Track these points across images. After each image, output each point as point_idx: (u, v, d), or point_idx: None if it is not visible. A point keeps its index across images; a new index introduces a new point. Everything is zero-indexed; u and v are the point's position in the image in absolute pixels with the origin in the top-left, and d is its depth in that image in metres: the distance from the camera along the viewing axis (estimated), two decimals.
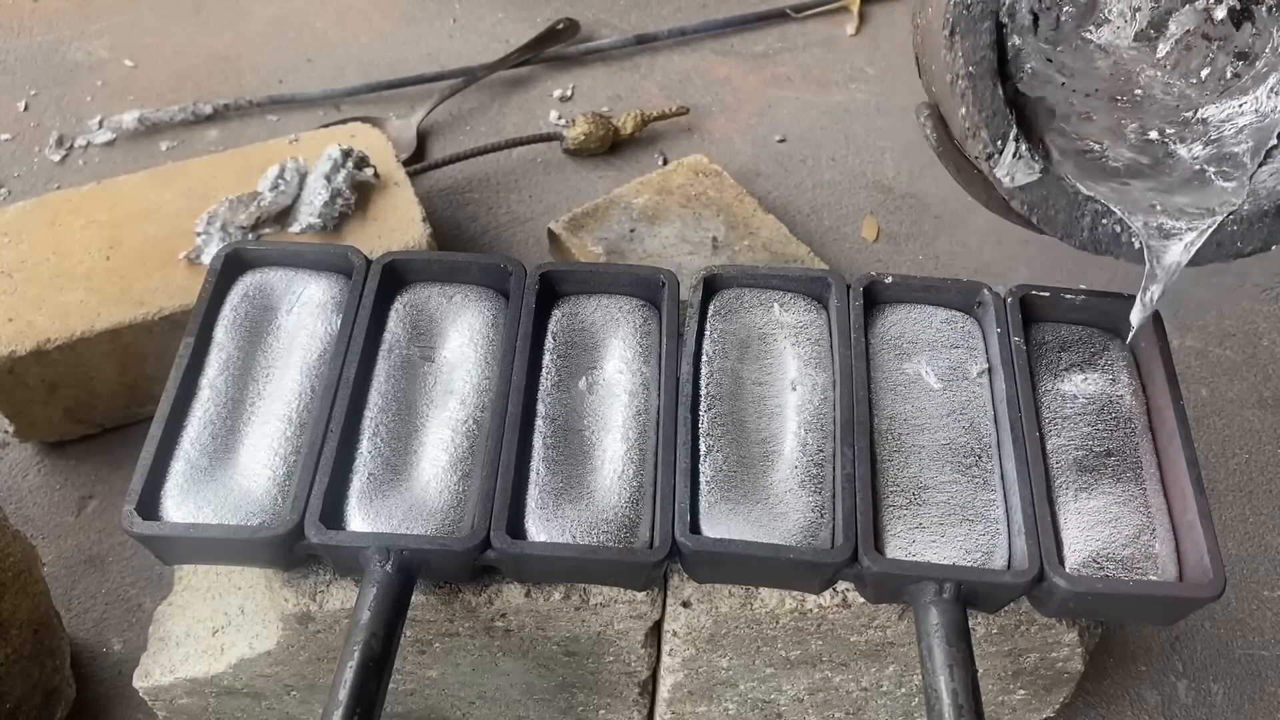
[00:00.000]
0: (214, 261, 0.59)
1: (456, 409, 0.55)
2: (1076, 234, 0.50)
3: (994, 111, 0.47)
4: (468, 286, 0.60)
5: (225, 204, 0.79)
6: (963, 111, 0.47)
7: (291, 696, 0.62)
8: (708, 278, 0.59)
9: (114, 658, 0.73)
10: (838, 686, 0.61)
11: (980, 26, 0.45)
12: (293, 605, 0.54)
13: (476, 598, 0.54)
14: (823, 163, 1.04)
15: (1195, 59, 0.47)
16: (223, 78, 1.11)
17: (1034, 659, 0.58)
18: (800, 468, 0.53)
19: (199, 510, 0.52)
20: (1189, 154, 0.49)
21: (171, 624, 0.61)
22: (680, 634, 0.56)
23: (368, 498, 0.52)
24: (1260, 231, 0.49)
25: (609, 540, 0.51)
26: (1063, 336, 0.58)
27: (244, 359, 0.57)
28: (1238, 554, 0.79)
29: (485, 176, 1.02)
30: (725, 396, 0.55)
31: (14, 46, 1.13)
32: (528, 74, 1.12)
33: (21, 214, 0.81)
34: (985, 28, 0.46)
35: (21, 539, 0.62)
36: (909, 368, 0.57)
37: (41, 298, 0.76)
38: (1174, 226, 0.48)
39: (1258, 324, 0.93)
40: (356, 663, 0.47)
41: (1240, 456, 0.84)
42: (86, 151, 1.03)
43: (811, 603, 0.54)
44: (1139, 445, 0.55)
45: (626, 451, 0.54)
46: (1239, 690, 0.73)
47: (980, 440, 0.55)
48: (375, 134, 0.89)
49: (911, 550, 0.51)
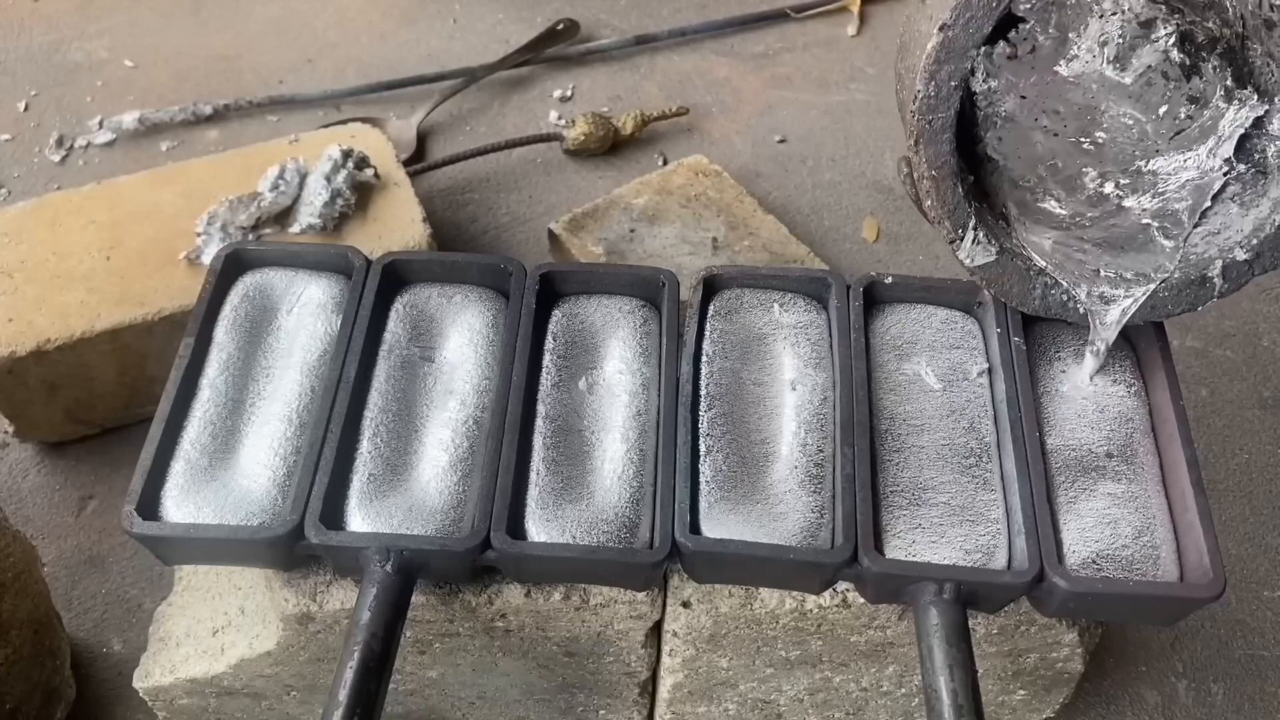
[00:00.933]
0: (214, 262, 0.59)
1: (456, 409, 0.55)
2: (1029, 303, 0.56)
3: (955, 206, 0.53)
4: (468, 287, 0.60)
5: (225, 204, 0.79)
6: (929, 204, 0.54)
7: (291, 697, 0.62)
8: (708, 278, 0.59)
9: (114, 658, 0.73)
10: (838, 687, 0.61)
11: (941, 137, 0.51)
12: (293, 605, 0.54)
13: (476, 598, 0.54)
14: (823, 163, 1.04)
15: (1155, 94, 0.52)
16: (223, 78, 1.11)
17: (1034, 659, 0.58)
18: (800, 468, 0.53)
19: (199, 510, 0.52)
20: (1138, 206, 0.54)
21: (171, 624, 0.61)
22: (680, 634, 0.56)
23: (368, 498, 0.52)
24: (1188, 296, 0.55)
25: (609, 540, 0.51)
26: (1063, 337, 0.58)
27: (244, 359, 0.57)
28: (1238, 554, 0.79)
29: (485, 177, 1.02)
30: (725, 397, 0.55)
31: (14, 46, 1.13)
32: (528, 74, 1.12)
33: (21, 214, 0.81)
34: (946, 138, 0.51)
35: (21, 539, 0.62)
36: (909, 368, 0.57)
37: (41, 298, 0.76)
38: (1113, 294, 0.55)
39: (1258, 324, 0.93)
40: (356, 663, 0.47)
41: (1240, 456, 0.84)
42: (86, 152, 1.03)
43: (811, 603, 0.54)
44: (1139, 445, 0.55)
45: (626, 452, 0.54)
46: (1239, 690, 0.73)
47: (980, 440, 0.55)
48: (375, 134, 0.89)
49: (911, 550, 0.51)
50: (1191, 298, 0.55)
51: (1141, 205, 0.54)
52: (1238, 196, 0.54)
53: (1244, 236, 0.54)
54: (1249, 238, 0.53)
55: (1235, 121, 0.51)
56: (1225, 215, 0.54)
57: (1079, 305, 0.56)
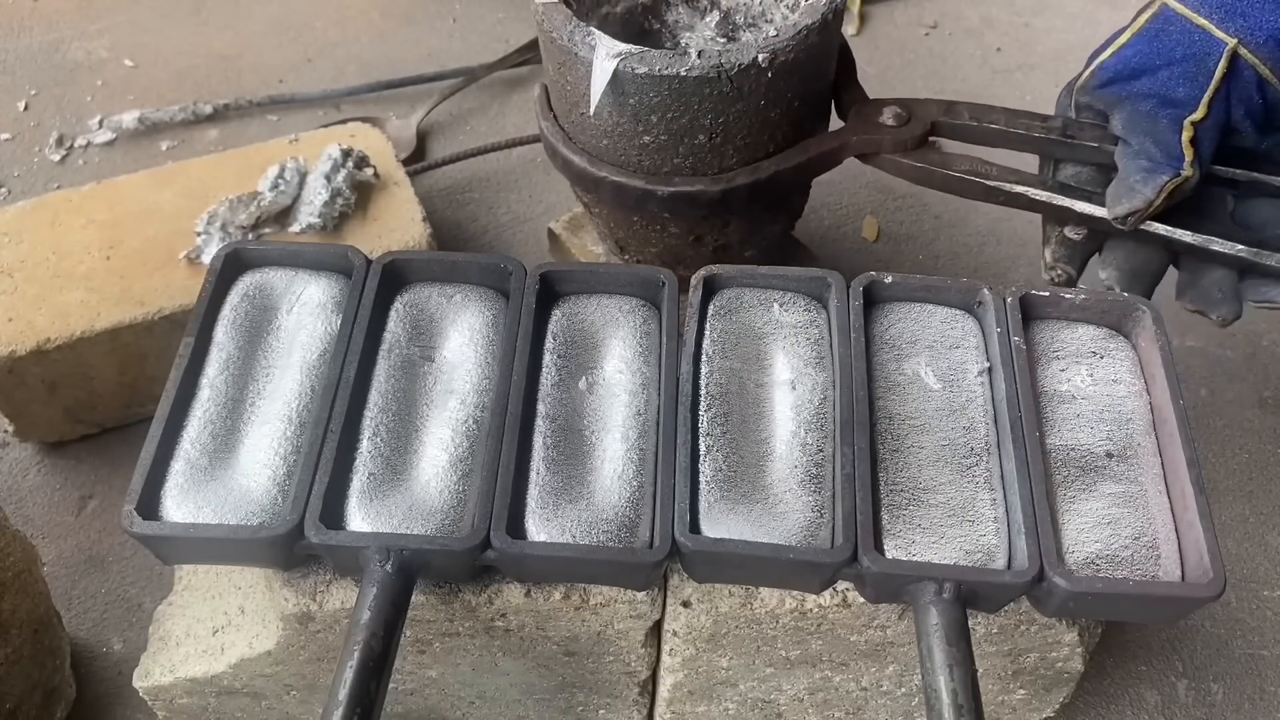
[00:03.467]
0: (214, 261, 0.59)
1: (456, 409, 0.55)
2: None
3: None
4: (468, 286, 0.60)
5: (225, 204, 0.79)
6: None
7: (291, 696, 0.62)
8: (708, 277, 0.59)
9: (114, 657, 0.73)
10: (838, 686, 0.61)
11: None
12: (293, 605, 0.54)
13: (476, 597, 0.54)
14: None
15: None
16: (223, 77, 1.11)
17: (1034, 659, 0.58)
18: (800, 467, 0.53)
19: (199, 510, 0.52)
20: None
21: (171, 624, 0.61)
22: (680, 634, 0.56)
23: (368, 497, 0.52)
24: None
25: (609, 540, 0.51)
26: (1063, 336, 0.58)
27: (244, 359, 0.57)
28: (1238, 553, 0.79)
29: (485, 176, 1.02)
30: (725, 396, 0.55)
31: (14, 46, 1.13)
32: (528, 73, 1.12)
33: (21, 214, 0.81)
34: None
35: (21, 539, 0.62)
36: (909, 367, 0.57)
37: (41, 297, 0.76)
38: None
39: (1258, 324, 0.92)
40: (356, 663, 0.47)
41: (1240, 456, 0.84)
42: (86, 151, 1.03)
43: (811, 602, 0.54)
44: (1139, 445, 0.55)
45: (626, 451, 0.54)
46: (1239, 690, 0.73)
47: (980, 440, 0.55)
48: (375, 134, 0.89)
49: (911, 550, 0.51)
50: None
51: None
52: None
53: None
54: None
55: None
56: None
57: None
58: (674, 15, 0.77)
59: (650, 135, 0.67)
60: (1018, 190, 0.66)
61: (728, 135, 0.67)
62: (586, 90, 0.66)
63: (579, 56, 0.64)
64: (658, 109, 0.65)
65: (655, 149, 0.68)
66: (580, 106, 0.68)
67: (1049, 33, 1.16)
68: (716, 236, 0.75)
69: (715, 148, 0.68)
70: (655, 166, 0.69)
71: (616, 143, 0.69)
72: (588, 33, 0.64)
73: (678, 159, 0.68)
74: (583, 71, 0.65)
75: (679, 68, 0.63)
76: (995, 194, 0.67)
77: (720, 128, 0.66)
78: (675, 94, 0.64)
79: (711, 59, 0.63)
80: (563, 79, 0.68)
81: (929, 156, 0.69)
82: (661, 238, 0.75)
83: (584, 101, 0.67)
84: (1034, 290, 0.58)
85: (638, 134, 0.67)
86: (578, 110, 0.69)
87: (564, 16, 0.66)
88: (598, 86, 0.64)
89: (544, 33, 0.67)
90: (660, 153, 0.68)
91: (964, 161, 0.68)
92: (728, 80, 0.63)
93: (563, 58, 0.66)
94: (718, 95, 0.64)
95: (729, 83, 0.64)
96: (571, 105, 0.69)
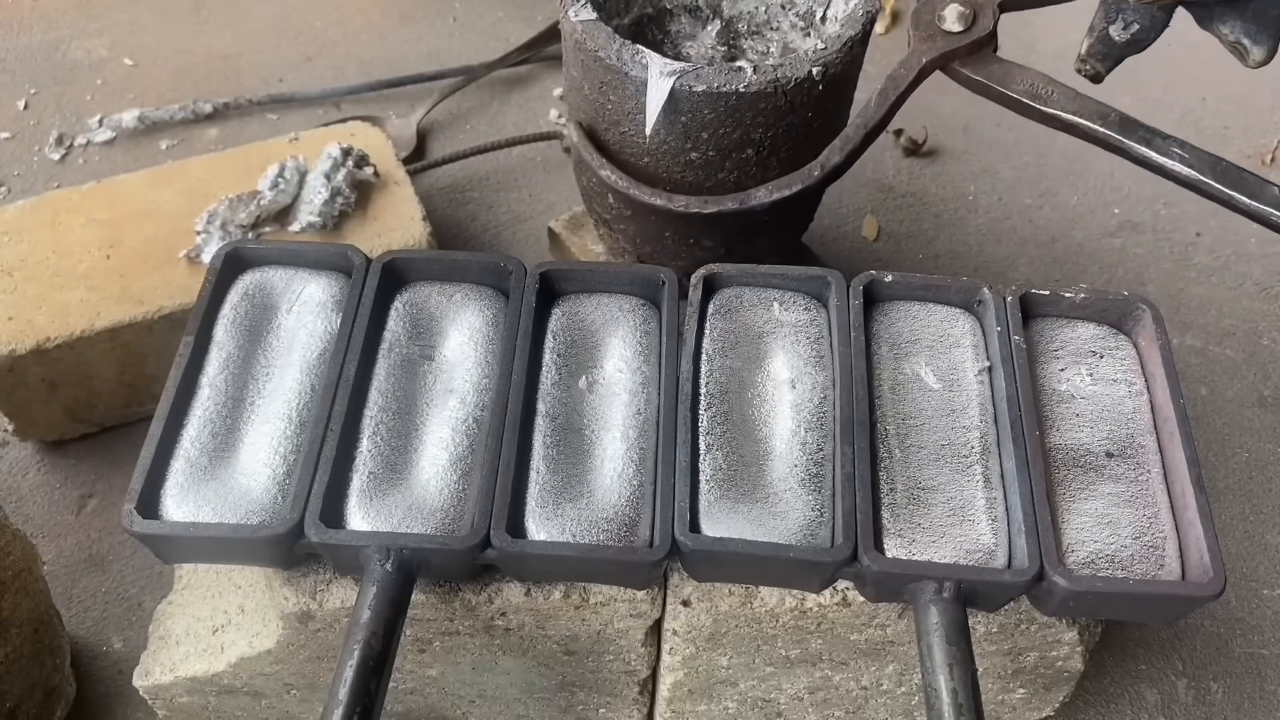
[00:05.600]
0: (214, 260, 0.59)
1: (456, 408, 0.55)
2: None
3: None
4: (468, 285, 0.60)
5: (225, 203, 0.79)
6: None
7: (291, 695, 0.62)
8: (708, 276, 0.59)
9: (114, 656, 0.73)
10: (838, 685, 0.61)
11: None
12: (293, 604, 0.54)
13: (476, 596, 0.54)
14: None
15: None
16: (223, 76, 1.11)
17: (1034, 657, 0.58)
18: (800, 466, 0.53)
19: (199, 509, 0.52)
20: None
21: (171, 623, 0.61)
22: (680, 632, 0.56)
23: (368, 496, 0.52)
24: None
25: (609, 539, 0.51)
26: (1063, 335, 0.58)
27: (244, 358, 0.57)
28: (1237, 552, 0.79)
29: (485, 175, 1.02)
30: (725, 395, 0.55)
31: (14, 45, 1.13)
32: (527, 73, 1.12)
33: (21, 213, 0.81)
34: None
35: (21, 538, 0.62)
36: (909, 366, 0.57)
37: (41, 296, 0.76)
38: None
39: (1258, 323, 0.93)
40: (356, 661, 0.47)
41: (1240, 455, 0.84)
42: (86, 150, 1.03)
43: (811, 601, 0.54)
44: (1139, 444, 0.55)
45: (626, 450, 0.54)
46: (1238, 688, 0.73)
47: (980, 439, 0.55)
48: (375, 133, 0.89)
49: (911, 549, 0.51)
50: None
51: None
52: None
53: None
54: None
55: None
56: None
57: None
58: (676, 25, 0.76)
59: (698, 151, 0.66)
60: (1073, 120, 0.63)
61: (774, 148, 0.66)
62: (632, 109, 0.64)
63: (630, 76, 0.63)
64: (710, 125, 0.64)
65: (701, 165, 0.67)
66: (621, 125, 0.67)
67: (1049, 33, 1.16)
68: (748, 248, 0.74)
69: (761, 160, 0.67)
70: (699, 182, 0.68)
71: (660, 160, 0.68)
72: (636, 51, 0.63)
73: (722, 174, 0.67)
74: (631, 90, 0.64)
75: (736, 84, 0.62)
76: (1050, 120, 0.63)
77: (769, 141, 0.66)
78: (730, 110, 0.63)
79: (768, 74, 0.62)
80: (604, 98, 0.67)
81: (991, 70, 0.65)
82: (692, 251, 0.74)
83: (627, 120, 0.66)
84: (1034, 289, 0.58)
85: (685, 151, 0.66)
86: (618, 129, 0.67)
87: (607, 34, 0.64)
88: (654, 106, 0.62)
89: (587, 52, 0.65)
90: (706, 168, 0.67)
91: (1023, 81, 0.64)
92: (783, 95, 0.63)
93: (607, 76, 0.65)
94: (771, 109, 0.64)
95: (783, 96, 0.63)
96: (611, 124, 0.68)
